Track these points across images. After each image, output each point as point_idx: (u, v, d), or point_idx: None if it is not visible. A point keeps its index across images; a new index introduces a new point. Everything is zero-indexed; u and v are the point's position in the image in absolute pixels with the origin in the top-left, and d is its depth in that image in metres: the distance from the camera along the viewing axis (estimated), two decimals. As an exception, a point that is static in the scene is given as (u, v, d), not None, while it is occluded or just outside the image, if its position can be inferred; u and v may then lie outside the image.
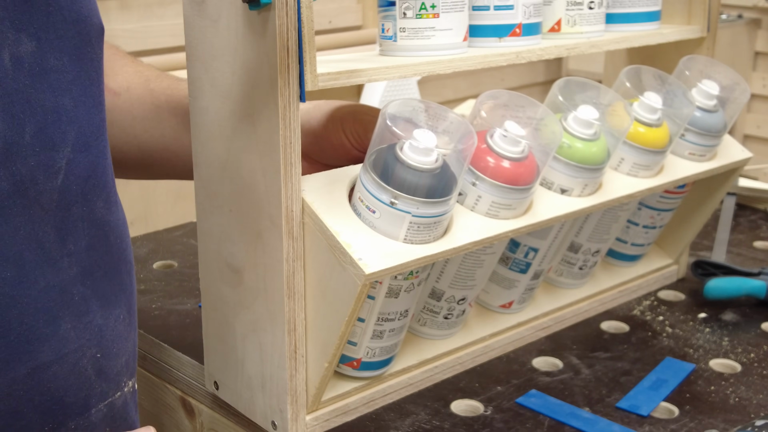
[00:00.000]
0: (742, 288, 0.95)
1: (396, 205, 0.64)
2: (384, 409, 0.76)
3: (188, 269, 1.02)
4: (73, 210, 0.59)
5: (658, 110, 0.85)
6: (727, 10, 2.64)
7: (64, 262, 0.58)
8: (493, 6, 0.74)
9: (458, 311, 0.80)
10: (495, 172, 0.71)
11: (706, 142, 0.90)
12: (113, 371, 0.64)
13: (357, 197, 0.66)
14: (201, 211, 0.70)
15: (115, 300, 0.64)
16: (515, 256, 0.83)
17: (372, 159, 0.65)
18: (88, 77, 0.59)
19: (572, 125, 0.79)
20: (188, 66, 0.67)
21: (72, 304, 0.59)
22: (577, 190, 0.79)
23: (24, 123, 0.54)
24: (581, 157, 0.78)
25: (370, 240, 0.64)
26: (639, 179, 0.85)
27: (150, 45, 1.71)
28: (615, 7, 0.87)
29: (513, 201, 0.72)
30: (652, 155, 0.85)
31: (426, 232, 0.66)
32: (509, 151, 0.71)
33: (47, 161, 0.56)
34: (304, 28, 0.59)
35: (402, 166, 0.64)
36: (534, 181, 0.73)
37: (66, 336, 0.59)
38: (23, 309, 0.56)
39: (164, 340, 0.84)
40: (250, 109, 0.62)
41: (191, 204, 0.72)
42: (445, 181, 0.65)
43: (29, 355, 0.57)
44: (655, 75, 0.88)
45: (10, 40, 0.54)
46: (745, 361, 0.84)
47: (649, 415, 0.75)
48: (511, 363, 0.84)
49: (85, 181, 0.60)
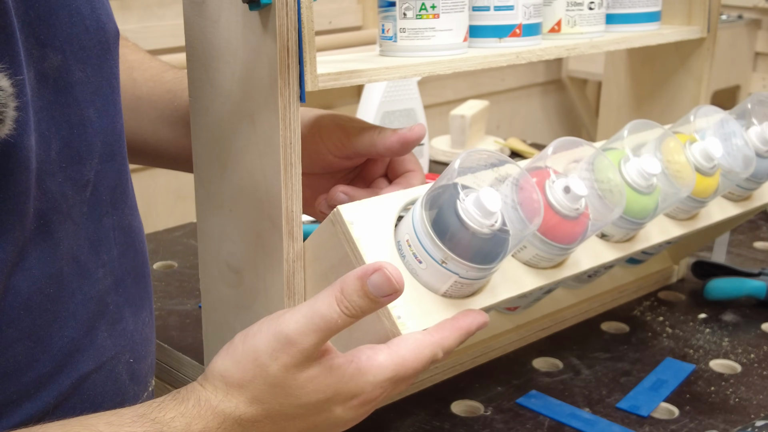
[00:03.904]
0: (742, 288, 0.95)
1: (446, 264, 0.59)
2: (384, 409, 0.76)
3: (188, 269, 1.02)
4: (104, 221, 0.59)
5: (716, 160, 0.79)
6: (727, 11, 2.64)
7: (99, 273, 0.58)
8: (493, 6, 0.74)
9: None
10: (547, 228, 0.66)
11: (750, 186, 0.86)
12: (142, 373, 0.64)
13: (405, 239, 0.61)
14: (201, 212, 0.70)
15: (142, 304, 0.64)
16: None
17: (429, 204, 0.60)
18: (109, 85, 0.59)
19: (632, 175, 0.73)
20: (188, 66, 0.67)
21: (107, 313, 0.59)
22: (618, 236, 0.75)
23: (50, 140, 0.53)
24: (631, 210, 0.72)
25: (411, 293, 0.60)
26: (676, 222, 0.81)
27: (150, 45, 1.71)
28: (615, 8, 0.87)
29: (557, 256, 0.68)
30: (697, 203, 0.80)
31: (467, 289, 0.63)
32: (567, 207, 0.66)
33: (75, 175, 0.55)
34: (304, 28, 0.59)
35: (461, 227, 0.58)
36: (583, 239, 0.68)
37: (103, 344, 0.59)
38: (63, 323, 0.56)
39: (164, 341, 0.84)
40: (250, 110, 0.62)
41: (191, 204, 0.72)
42: (499, 247, 0.60)
43: (72, 366, 0.57)
44: (717, 113, 0.81)
45: (35, 57, 0.52)
46: (745, 362, 0.84)
47: (649, 416, 0.75)
48: (511, 363, 0.84)
49: (113, 191, 0.59)
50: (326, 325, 0.51)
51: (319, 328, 0.51)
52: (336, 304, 0.51)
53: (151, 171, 1.77)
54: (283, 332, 0.52)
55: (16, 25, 0.49)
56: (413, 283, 0.61)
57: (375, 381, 0.54)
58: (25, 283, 0.52)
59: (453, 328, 0.57)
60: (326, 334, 0.52)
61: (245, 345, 0.53)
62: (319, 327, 0.51)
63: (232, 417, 0.52)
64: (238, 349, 0.53)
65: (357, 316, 0.52)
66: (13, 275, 0.52)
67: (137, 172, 1.72)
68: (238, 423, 0.52)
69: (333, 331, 0.52)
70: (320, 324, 0.51)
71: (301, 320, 0.52)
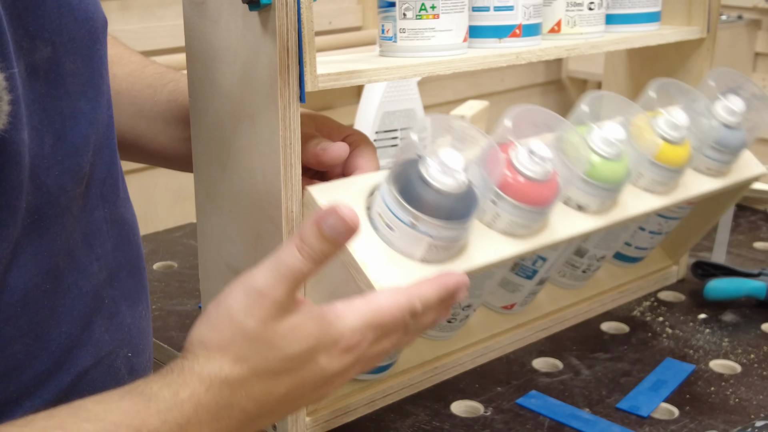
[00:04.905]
0: (742, 289, 0.95)
1: (416, 226, 0.61)
2: (384, 409, 0.76)
3: (188, 270, 1.02)
4: (95, 213, 0.59)
5: (683, 128, 0.82)
6: (727, 11, 2.64)
7: (93, 266, 0.58)
8: (493, 7, 0.74)
9: (462, 316, 0.80)
10: (516, 192, 0.68)
11: (726, 159, 0.88)
12: (141, 368, 0.64)
13: (376, 211, 0.63)
14: (201, 212, 0.70)
15: (138, 297, 0.64)
16: (523, 262, 0.82)
17: (395, 174, 0.62)
18: (99, 76, 0.58)
19: (596, 142, 0.76)
20: (188, 66, 0.67)
21: (104, 307, 0.59)
22: (594, 206, 0.77)
23: (43, 133, 0.53)
24: (602, 176, 0.75)
25: (387, 259, 0.62)
26: (655, 196, 0.83)
27: (150, 46, 1.71)
28: (615, 8, 0.87)
29: (532, 221, 0.70)
30: (671, 173, 0.82)
31: (444, 252, 0.64)
32: (534, 171, 0.68)
33: (72, 167, 0.55)
34: (304, 28, 0.59)
35: (425, 186, 0.61)
36: (555, 201, 0.71)
37: (101, 339, 0.59)
38: (61, 318, 0.56)
39: (164, 341, 0.84)
40: (250, 110, 0.62)
41: (191, 204, 0.72)
42: (467, 203, 0.62)
43: (71, 362, 0.57)
44: (680, 88, 0.85)
45: (25, 49, 0.52)
46: (745, 362, 0.84)
47: (649, 416, 0.75)
48: (511, 364, 0.84)
49: (102, 183, 0.59)
50: (292, 274, 0.52)
51: (286, 277, 0.52)
52: (298, 252, 0.52)
53: (151, 171, 1.77)
54: (253, 287, 0.52)
55: (3, 17, 0.48)
56: (388, 252, 0.62)
57: (353, 325, 0.54)
58: (21, 279, 0.52)
59: (430, 281, 0.57)
60: (294, 283, 0.52)
61: (218, 309, 0.53)
62: (286, 277, 0.52)
63: (219, 379, 0.51)
64: (213, 314, 0.53)
65: (320, 260, 0.52)
66: (8, 272, 0.51)
67: (137, 172, 1.72)
68: (225, 384, 0.51)
69: (300, 279, 0.52)
70: (287, 273, 0.52)
71: (268, 273, 0.52)
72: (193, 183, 0.70)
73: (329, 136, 0.72)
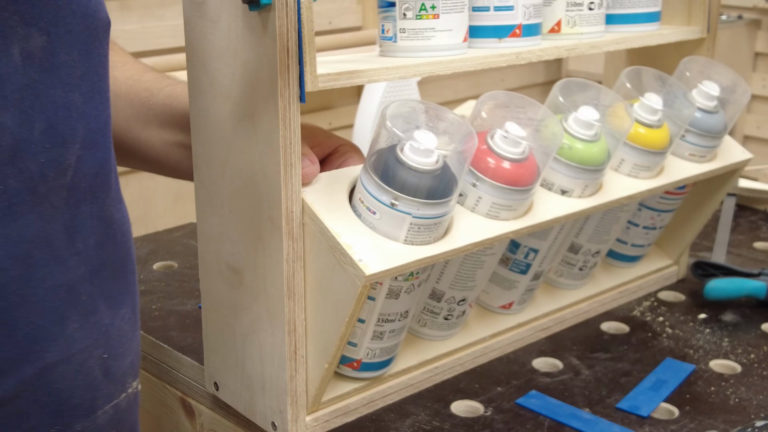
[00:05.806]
0: (742, 289, 0.95)
1: (396, 206, 0.64)
2: (384, 409, 0.76)
3: (188, 270, 1.02)
4: (82, 208, 0.59)
5: (659, 111, 0.85)
6: (727, 11, 2.64)
7: (72, 260, 0.58)
8: (493, 7, 0.74)
9: (458, 312, 0.80)
10: (495, 173, 0.71)
11: (707, 143, 0.90)
12: (119, 372, 0.63)
13: (357, 198, 0.66)
14: (201, 212, 0.70)
15: (121, 299, 0.63)
16: (515, 257, 0.83)
17: (372, 160, 0.65)
18: (96, 73, 0.59)
19: (573, 126, 0.79)
20: (188, 66, 0.67)
21: (79, 304, 0.59)
22: (578, 191, 0.79)
23: (33, 119, 0.54)
24: (581, 158, 0.78)
25: (371, 241, 0.64)
26: (639, 180, 0.85)
27: (150, 46, 1.71)
28: (615, 8, 0.87)
29: (513, 202, 0.72)
30: (652, 156, 0.85)
31: (426, 234, 0.66)
32: (510, 152, 0.71)
33: (57, 157, 0.55)
34: (304, 28, 0.59)
35: (402, 167, 0.64)
36: (534, 182, 0.73)
37: (73, 336, 0.59)
38: (30, 308, 0.55)
39: (164, 341, 0.84)
40: (250, 110, 0.62)
41: (191, 204, 0.72)
42: (445, 182, 0.65)
43: (37, 355, 0.56)
44: (655, 76, 0.88)
45: (20, 34, 0.53)
46: (745, 362, 0.84)
47: (649, 416, 0.75)
48: (511, 364, 0.84)
49: (93, 179, 0.59)
50: None
51: None
52: None
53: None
54: None
55: None
56: (372, 235, 0.65)
57: None
58: None
59: None
60: None
61: None
62: None
63: None
64: None
65: None
66: None
67: (138, 172, 1.72)
68: None
69: None
70: None
71: None
72: (193, 183, 0.70)
73: (319, 147, 0.73)
